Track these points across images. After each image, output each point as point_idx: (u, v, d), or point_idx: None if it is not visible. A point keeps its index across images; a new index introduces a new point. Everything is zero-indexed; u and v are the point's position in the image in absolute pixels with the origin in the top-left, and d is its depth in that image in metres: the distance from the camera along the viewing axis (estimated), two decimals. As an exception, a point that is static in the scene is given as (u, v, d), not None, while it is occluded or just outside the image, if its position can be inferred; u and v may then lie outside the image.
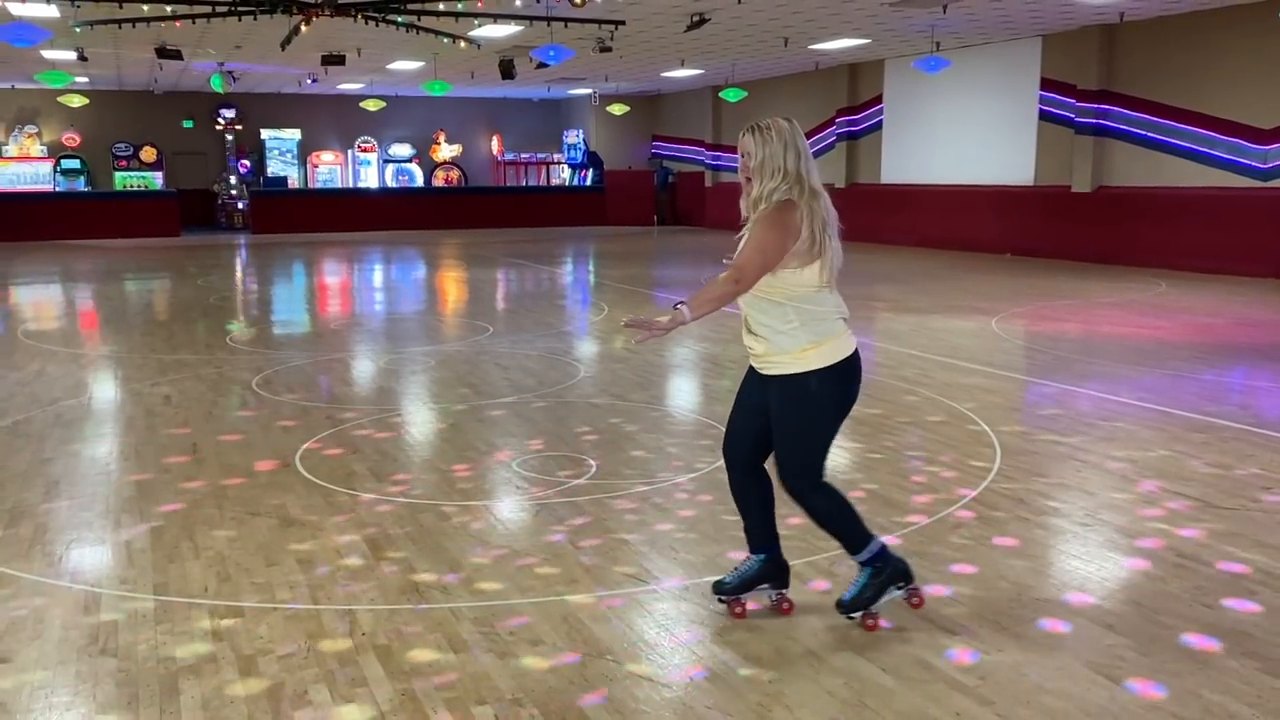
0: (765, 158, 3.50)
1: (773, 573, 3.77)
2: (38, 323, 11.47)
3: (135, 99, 25.65)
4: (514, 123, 29.39)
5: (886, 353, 8.84)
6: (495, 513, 4.86)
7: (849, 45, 18.13)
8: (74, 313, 12.55)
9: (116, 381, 7.88)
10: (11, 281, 15.33)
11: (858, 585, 3.64)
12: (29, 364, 8.54)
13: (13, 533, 4.60)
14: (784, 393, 3.54)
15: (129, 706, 3.11)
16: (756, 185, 3.52)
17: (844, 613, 3.64)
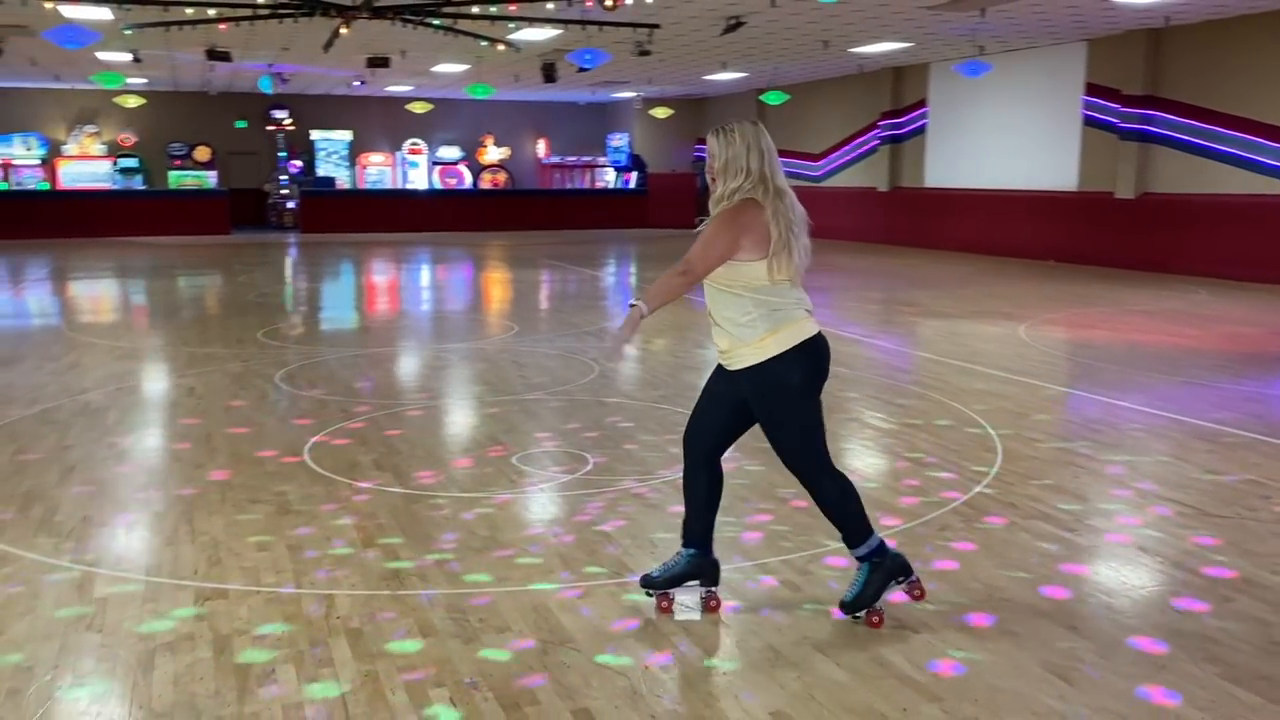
0: (729, 158, 3.56)
1: (704, 569, 3.79)
2: (82, 316, 11.83)
3: (190, 100, 26.24)
4: (560, 126, 29.60)
5: (905, 357, 8.81)
6: (486, 505, 4.96)
7: (891, 49, 18.05)
8: (117, 307, 12.91)
9: (145, 373, 8.12)
10: (66, 277, 15.79)
11: (859, 584, 3.66)
12: (67, 355, 8.82)
13: (24, 515, 4.79)
14: (754, 385, 3.60)
15: (105, 680, 3.25)
16: (720, 185, 3.58)
17: (847, 613, 3.66)
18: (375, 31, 15.30)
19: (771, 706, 3.11)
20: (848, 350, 9.20)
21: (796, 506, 4.83)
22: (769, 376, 3.58)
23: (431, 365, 8.67)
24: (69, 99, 25.34)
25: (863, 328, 10.43)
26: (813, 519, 4.70)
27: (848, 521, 3.67)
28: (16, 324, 10.91)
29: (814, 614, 3.75)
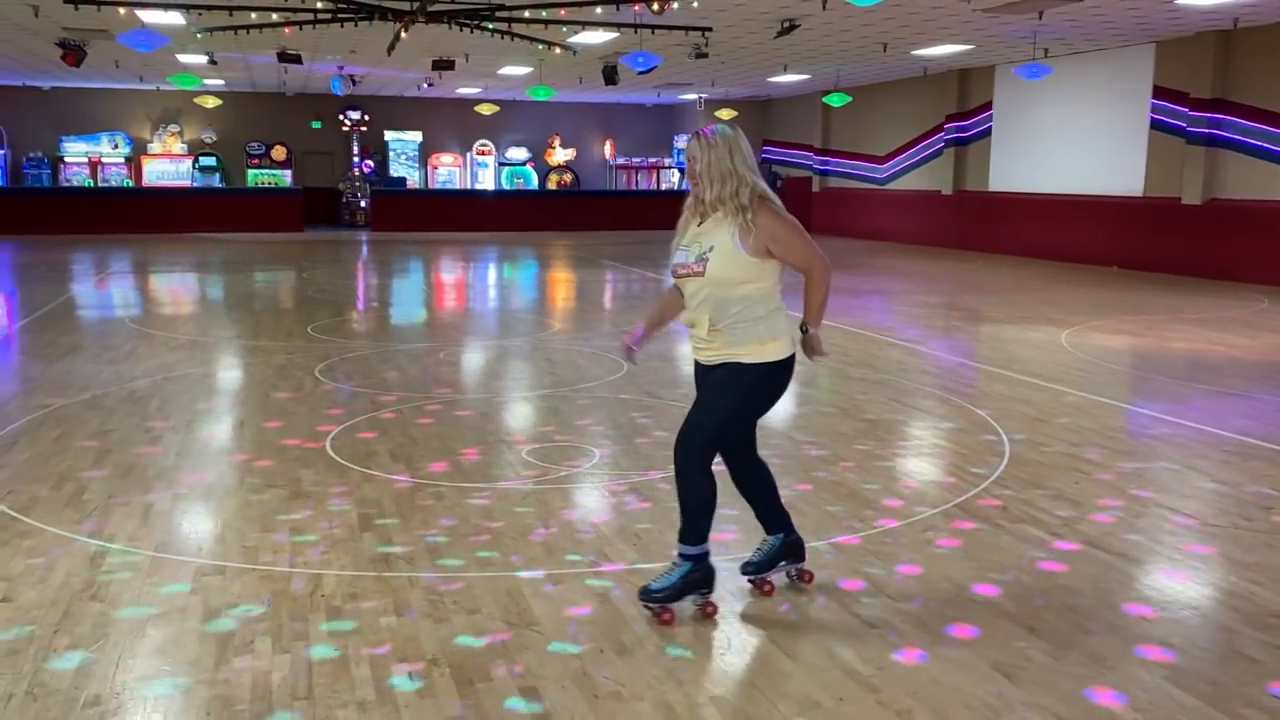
0: (711, 161, 3.66)
1: (791, 550, 3.99)
2: (145, 309, 12.35)
3: (268, 100, 27.05)
4: (627, 127, 29.84)
5: (936, 360, 8.80)
6: (485, 495, 5.13)
7: (953, 51, 17.89)
8: (181, 300, 13.44)
9: (194, 363, 8.48)
10: (140, 271, 16.46)
11: (672, 577, 3.73)
12: (124, 345, 9.26)
13: (55, 492, 5.10)
14: (729, 375, 3.70)
15: (97, 644, 3.49)
16: (707, 189, 3.67)
17: (645, 599, 3.73)
18: (438, 35, 15.68)
19: (713, 692, 3.22)
20: (880, 353, 9.22)
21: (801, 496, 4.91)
22: (750, 374, 3.69)
23: (466, 360, 8.90)
24: (154, 99, 26.31)
25: (902, 331, 10.42)
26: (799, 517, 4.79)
27: (695, 521, 3.73)
28: (86, 315, 11.43)
29: (778, 607, 3.84)
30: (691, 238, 3.74)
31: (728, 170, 3.64)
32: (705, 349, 3.77)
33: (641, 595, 3.76)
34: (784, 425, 6.52)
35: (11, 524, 4.64)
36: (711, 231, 3.68)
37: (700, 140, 3.69)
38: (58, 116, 25.94)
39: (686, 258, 3.71)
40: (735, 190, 3.64)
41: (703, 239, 3.69)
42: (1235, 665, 3.41)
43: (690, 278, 3.70)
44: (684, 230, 3.79)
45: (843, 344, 9.81)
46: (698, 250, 3.68)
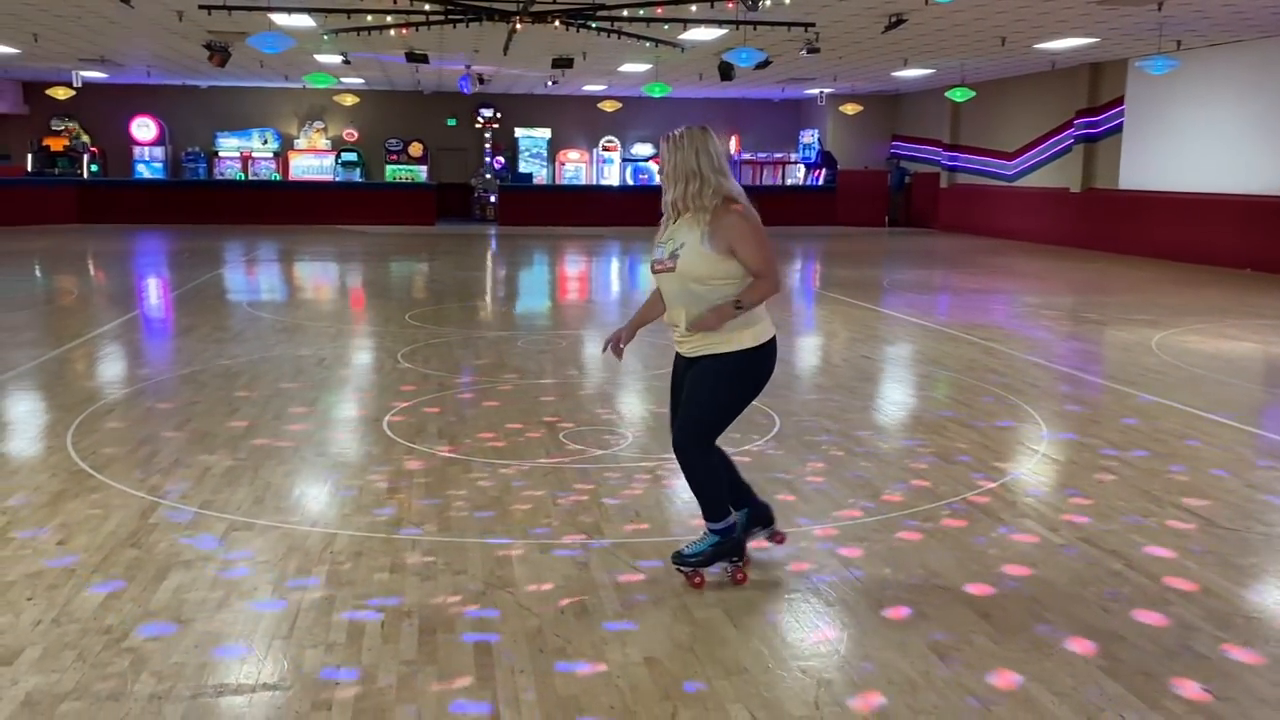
0: (677, 162, 3.86)
1: (757, 517, 4.17)
2: (263, 294, 13.20)
3: (406, 99, 28.19)
4: (752, 123, 29.85)
5: (1008, 359, 8.69)
6: (509, 471, 5.44)
7: (1078, 45, 17.34)
8: (299, 287, 14.28)
9: (290, 344, 9.09)
10: (272, 259, 17.52)
11: (702, 545, 3.97)
12: (234, 326, 9.99)
13: (131, 454, 5.66)
14: (710, 367, 3.90)
15: (124, 582, 3.94)
16: (672, 188, 3.88)
17: (677, 563, 3.99)
18: (555, 34, 16.13)
19: (650, 652, 3.43)
20: (952, 350, 9.16)
21: (814, 482, 5.06)
22: (727, 365, 3.89)
23: (542, 348, 9.25)
24: (300, 97, 27.75)
25: (985, 330, 10.28)
26: (800, 501, 4.94)
27: (709, 499, 3.94)
28: (211, 298, 12.30)
29: (750, 584, 4.01)
30: (667, 235, 3.94)
31: (691, 171, 3.82)
32: (685, 342, 3.96)
33: (674, 559, 4.02)
34: (819, 413, 6.63)
35: (86, 479, 5.19)
36: (683, 229, 3.88)
37: (669, 141, 3.88)
38: (213, 114, 27.66)
39: (661, 254, 3.91)
40: (699, 190, 3.82)
41: (675, 236, 3.89)
42: (1178, 661, 3.42)
43: (664, 273, 3.90)
44: (663, 228, 3.99)
45: (916, 340, 9.78)
46: (671, 247, 3.88)
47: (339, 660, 3.35)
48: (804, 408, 6.92)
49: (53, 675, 3.23)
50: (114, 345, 9.06)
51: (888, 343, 9.60)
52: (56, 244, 19.34)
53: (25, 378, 7.66)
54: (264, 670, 3.28)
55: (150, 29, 16.52)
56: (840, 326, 10.75)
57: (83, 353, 8.64)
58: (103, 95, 26.23)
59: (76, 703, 3.07)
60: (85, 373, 7.92)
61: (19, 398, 7.10)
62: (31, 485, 5.10)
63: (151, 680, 3.20)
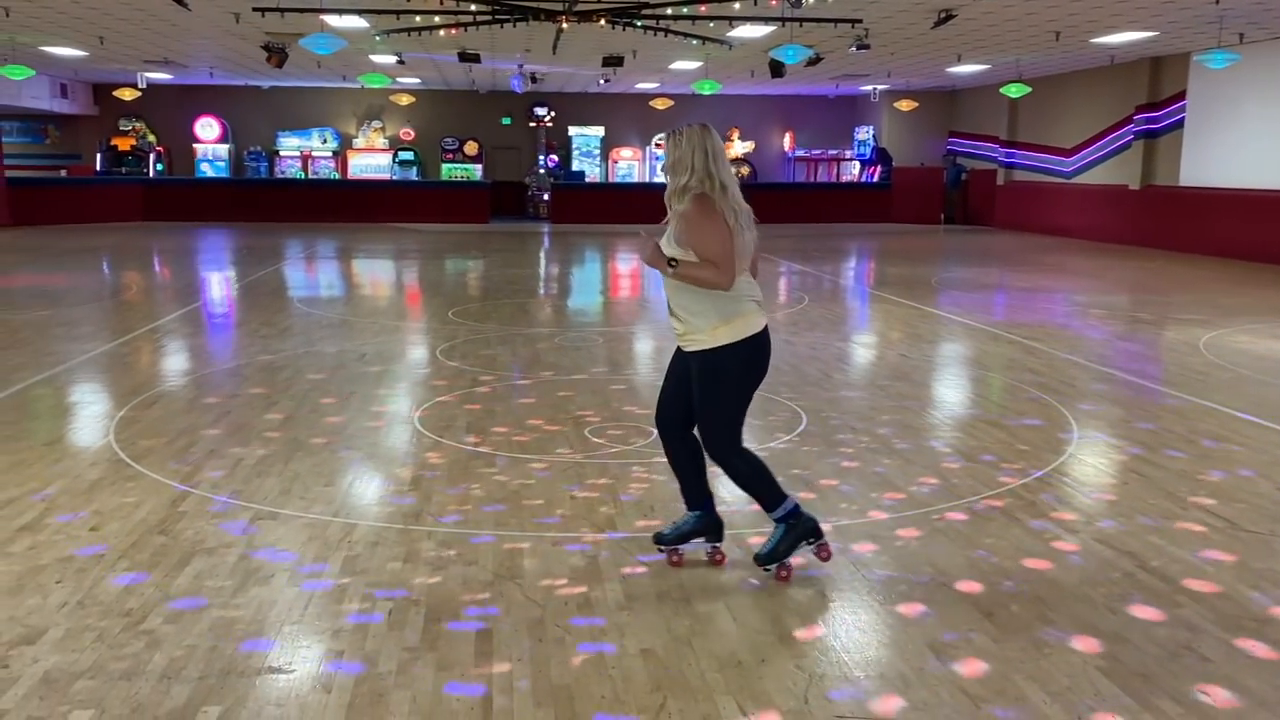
0: (677, 158, 3.93)
1: (708, 528, 4.21)
2: (314, 290, 13.46)
3: (461, 98, 28.51)
4: (807, 119, 29.69)
5: (1048, 358, 8.58)
6: (531, 465, 5.52)
7: (1137, 39, 17.01)
8: (350, 283, 14.54)
9: (333, 340, 9.28)
10: (328, 257, 17.85)
11: (773, 540, 4.02)
12: (282, 322, 10.22)
13: (168, 444, 5.85)
14: (700, 367, 3.96)
15: (147, 568, 4.09)
16: (671, 181, 3.95)
17: (761, 564, 4.03)
18: (604, 32, 16.22)
19: (646, 644, 3.48)
20: (991, 349, 9.07)
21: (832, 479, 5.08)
22: (713, 361, 3.94)
23: (579, 345, 9.33)
24: (359, 97, 28.20)
25: (1028, 329, 10.15)
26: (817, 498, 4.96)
27: (760, 493, 4.01)
28: (263, 294, 12.58)
29: (747, 576, 4.05)
30: (666, 228, 3.99)
31: (685, 166, 3.89)
32: (680, 335, 4.02)
33: (757, 561, 4.07)
34: (848, 411, 6.62)
35: (124, 469, 5.38)
36: (669, 224, 3.94)
37: (670, 139, 3.96)
38: (274, 113, 28.22)
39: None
40: (684, 184, 3.89)
41: (666, 228, 3.96)
42: (1179, 663, 3.39)
43: None
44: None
45: (957, 339, 9.70)
46: (662, 239, 3.94)
47: (343, 646, 3.45)
48: (832, 406, 6.91)
49: (71, 655, 3.37)
50: (166, 339, 9.33)
51: (927, 341, 9.53)
52: (121, 241, 19.90)
53: (78, 370, 7.93)
54: (270, 654, 3.39)
55: (209, 31, 16.93)
56: (883, 325, 10.70)
57: (134, 347, 8.91)
58: (168, 96, 26.91)
59: (91, 681, 3.20)
60: (134, 366, 8.16)
61: (70, 389, 7.35)
62: (73, 474, 5.30)
63: (163, 661, 3.33)
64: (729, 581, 4.01)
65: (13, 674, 3.24)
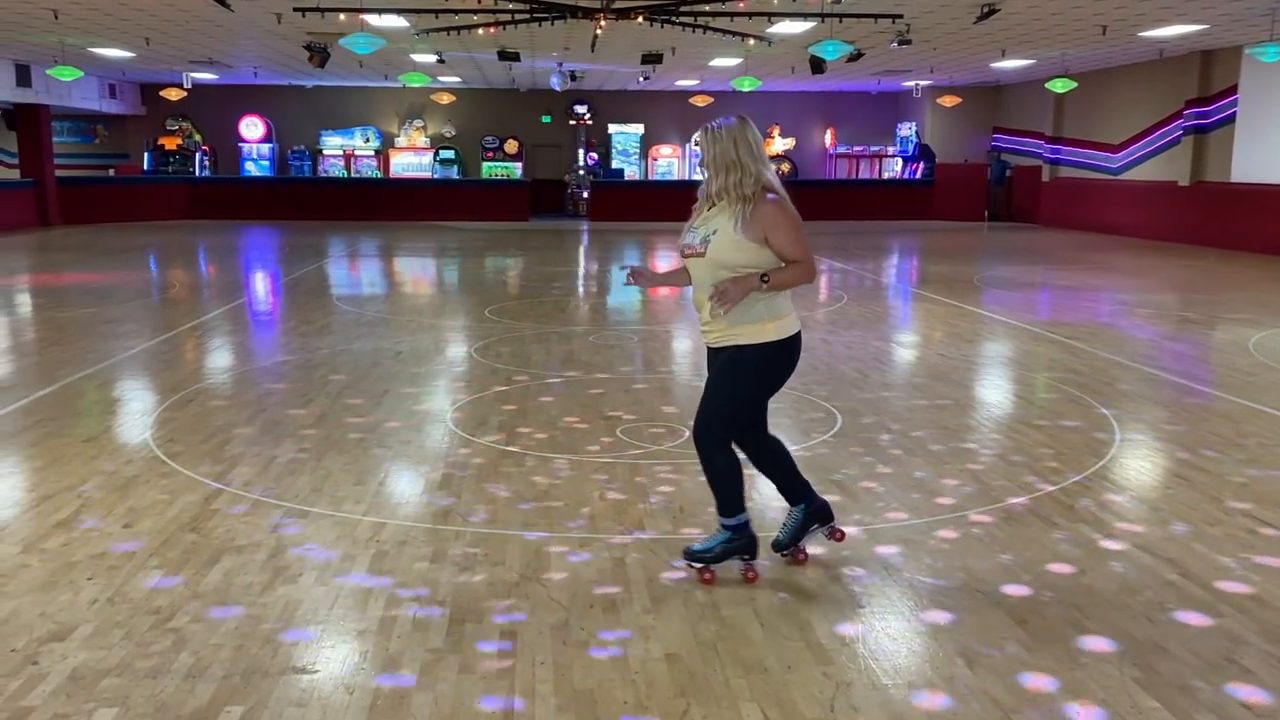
0: (716, 154, 3.87)
1: (817, 515, 4.18)
2: (355, 288, 13.55)
3: (501, 96, 28.60)
4: (848, 116, 29.45)
5: (1090, 358, 8.42)
6: (562, 465, 5.49)
7: (1187, 32, 16.66)
8: (389, 281, 14.62)
9: (370, 338, 9.32)
10: (368, 255, 17.98)
11: (713, 541, 4.02)
12: (320, 320, 10.29)
13: (204, 441, 5.89)
14: (733, 358, 3.92)
15: (177, 565, 4.11)
16: (715, 180, 3.88)
17: (687, 559, 4.04)
18: (643, 30, 16.18)
19: (672, 648, 3.44)
20: (1032, 349, 8.92)
21: (866, 481, 5.01)
22: (751, 357, 3.89)
23: (612, 343, 9.30)
24: (401, 96, 28.38)
25: (1072, 328, 9.97)
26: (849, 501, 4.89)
27: (727, 495, 3.98)
28: (302, 293, 12.69)
29: (777, 581, 3.99)
30: (701, 221, 3.94)
31: (732, 161, 3.83)
32: (710, 331, 3.97)
33: (685, 555, 4.05)
34: (883, 412, 6.53)
35: (159, 466, 5.43)
36: (717, 216, 3.89)
37: (707, 133, 3.90)
38: (318, 112, 28.47)
39: (692, 239, 3.92)
40: (739, 180, 3.82)
41: (709, 223, 3.90)
42: (1220, 675, 3.29)
43: (693, 258, 3.92)
44: (696, 215, 4.01)
45: (998, 338, 9.55)
46: (703, 233, 3.88)
47: (368, 646, 3.44)
48: (868, 406, 6.82)
49: (100, 652, 3.39)
50: (206, 337, 9.42)
51: (967, 341, 9.39)
52: (167, 239, 20.19)
53: (119, 367, 8.03)
54: (295, 654, 3.39)
55: (252, 31, 17.10)
56: (922, 324, 10.57)
57: (175, 344, 9.01)
58: (214, 96, 27.26)
59: (118, 679, 3.22)
60: (174, 363, 8.25)
61: (111, 386, 7.44)
62: (109, 471, 5.35)
63: (189, 660, 3.34)
64: (757, 587, 3.96)
65: (41, 670, 3.27)
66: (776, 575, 4.05)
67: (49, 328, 9.85)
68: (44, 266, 15.98)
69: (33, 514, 4.71)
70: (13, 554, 4.22)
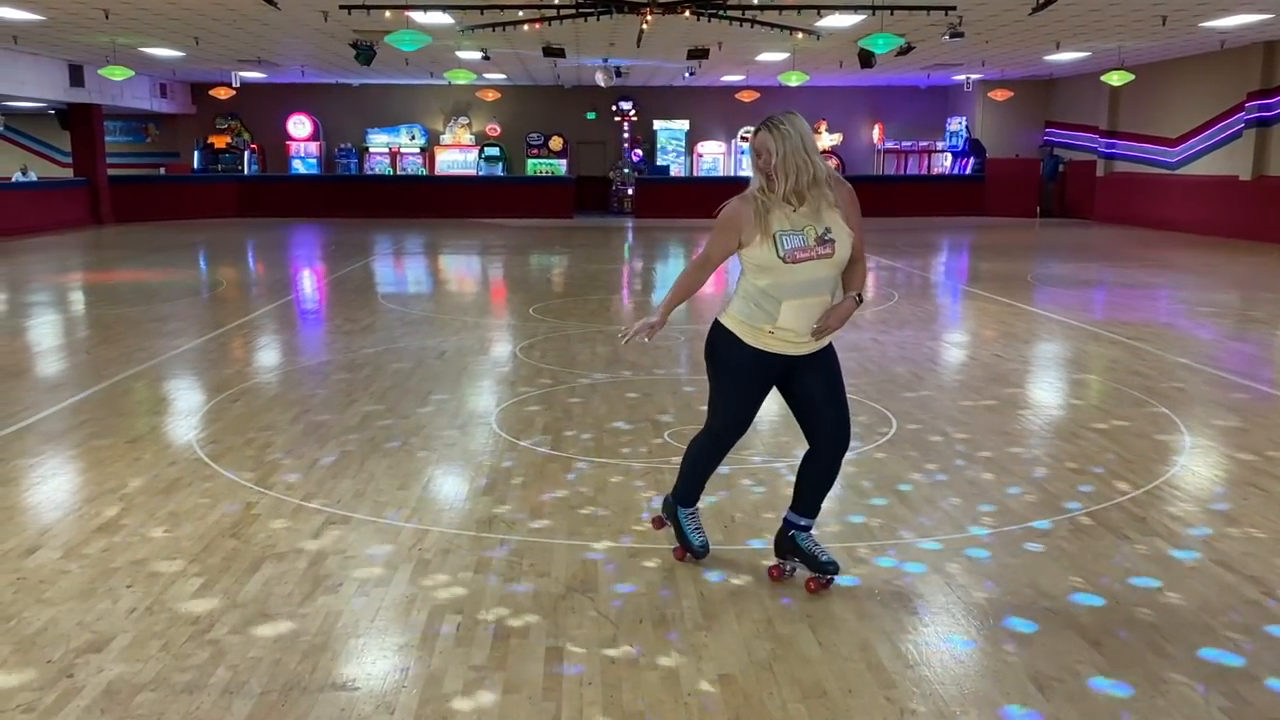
0: (788, 151, 3.61)
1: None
2: (399, 286, 13.51)
3: (546, 93, 28.53)
4: (897, 110, 29.03)
5: (1155, 360, 8.13)
6: (608, 470, 5.35)
7: (1251, 21, 16.16)
8: (434, 279, 14.57)
9: (415, 337, 9.24)
10: (413, 252, 17.97)
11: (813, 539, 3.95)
12: (365, 319, 10.24)
13: (247, 443, 5.82)
14: (830, 353, 3.86)
15: (217, 573, 4.02)
16: (784, 180, 3.63)
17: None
18: (689, 25, 16.00)
19: (725, 669, 3.28)
20: (1094, 350, 8.65)
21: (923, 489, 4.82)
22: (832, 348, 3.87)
23: (659, 343, 9.15)
24: (446, 94, 28.41)
25: (1134, 328, 9.66)
26: (908, 511, 4.70)
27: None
28: (346, 291, 12.66)
29: (839, 597, 3.81)
30: (798, 221, 3.65)
31: (803, 159, 3.61)
32: (807, 339, 3.73)
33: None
34: (939, 415, 6.32)
35: (201, 469, 5.36)
36: (818, 213, 3.65)
37: (776, 131, 3.64)
38: (364, 110, 28.59)
39: (803, 241, 3.62)
40: (814, 176, 3.63)
41: (815, 221, 3.64)
42: (1315, 704, 3.07)
43: (814, 261, 3.64)
44: (764, 217, 3.71)
45: (1055, 339, 9.28)
46: (813, 233, 3.64)
47: (409, 662, 3.32)
48: (924, 409, 6.61)
49: (136, 665, 3.30)
50: (251, 336, 9.40)
51: (1024, 341, 9.12)
52: (215, 237, 20.34)
53: (166, 366, 8.01)
54: (334, 669, 3.27)
55: (298, 30, 17.14)
56: (976, 323, 10.30)
57: (221, 343, 8.99)
58: (262, 94, 27.45)
59: (153, 694, 3.12)
60: (219, 363, 8.22)
61: (157, 385, 7.41)
62: (152, 473, 5.29)
63: (227, 674, 3.24)
64: (812, 601, 3.78)
65: (77, 684, 3.18)
66: (832, 590, 3.87)
67: (98, 326, 9.88)
68: (95, 265, 16.14)
69: (75, 518, 4.65)
70: (53, 559, 4.16)
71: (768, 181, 3.70)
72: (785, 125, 3.68)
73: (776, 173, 3.66)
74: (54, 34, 17.81)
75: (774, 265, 3.65)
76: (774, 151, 3.65)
